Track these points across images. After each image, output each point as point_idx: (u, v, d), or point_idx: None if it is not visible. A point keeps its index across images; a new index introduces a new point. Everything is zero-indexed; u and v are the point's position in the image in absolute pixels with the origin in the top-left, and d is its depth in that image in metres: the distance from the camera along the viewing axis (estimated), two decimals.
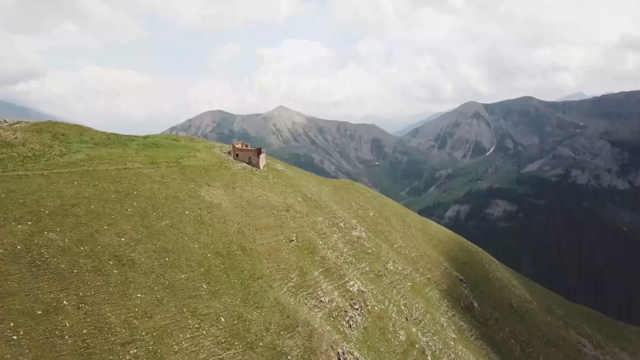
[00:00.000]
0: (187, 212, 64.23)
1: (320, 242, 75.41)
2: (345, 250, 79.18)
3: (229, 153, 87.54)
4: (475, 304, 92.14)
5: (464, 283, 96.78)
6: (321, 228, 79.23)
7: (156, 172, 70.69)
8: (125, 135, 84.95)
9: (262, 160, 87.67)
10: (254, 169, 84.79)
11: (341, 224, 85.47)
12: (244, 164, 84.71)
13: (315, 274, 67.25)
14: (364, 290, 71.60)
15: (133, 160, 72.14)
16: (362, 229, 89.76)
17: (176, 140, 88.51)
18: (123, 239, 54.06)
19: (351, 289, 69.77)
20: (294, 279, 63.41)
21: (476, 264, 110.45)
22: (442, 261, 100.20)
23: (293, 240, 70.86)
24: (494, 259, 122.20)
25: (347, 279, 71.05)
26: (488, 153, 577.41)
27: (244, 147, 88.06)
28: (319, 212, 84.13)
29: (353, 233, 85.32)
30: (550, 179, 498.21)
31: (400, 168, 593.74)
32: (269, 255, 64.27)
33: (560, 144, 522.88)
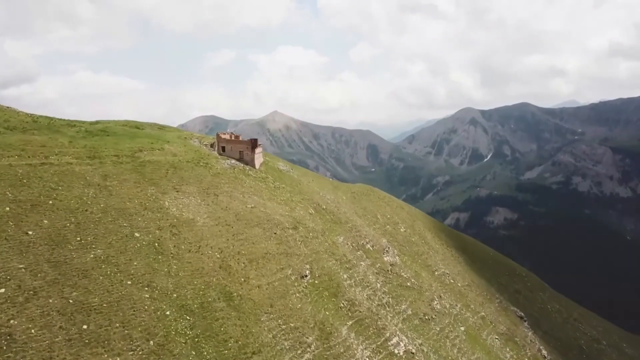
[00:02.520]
0: (137, 235, 38.37)
1: (345, 276, 49.70)
2: (378, 285, 53.49)
3: (212, 146, 61.85)
4: (544, 352, 66.85)
5: (525, 321, 72.03)
6: (344, 253, 53.54)
7: (95, 171, 44.67)
8: (62, 120, 58.74)
9: (259, 156, 62.12)
10: (247, 168, 59.17)
11: (368, 245, 59.86)
12: (233, 160, 59.07)
13: (344, 331, 41.47)
14: (413, 350, 45.86)
15: (62, 153, 46.04)
16: (395, 251, 64.22)
17: (138, 128, 62.38)
18: (2, 290, 28.39)
19: (396, 351, 44.02)
20: (313, 346, 37.54)
21: (529, 292, 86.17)
22: (493, 291, 75.48)
23: (306, 276, 45.08)
24: (544, 283, 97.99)
25: (388, 334, 45.29)
26: (486, 160, 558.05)
27: (232, 138, 62.31)
28: (339, 229, 58.50)
29: (385, 258, 59.74)
30: (551, 186, 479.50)
31: (397, 175, 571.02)
32: (271, 307, 38.36)
33: (559, 151, 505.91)
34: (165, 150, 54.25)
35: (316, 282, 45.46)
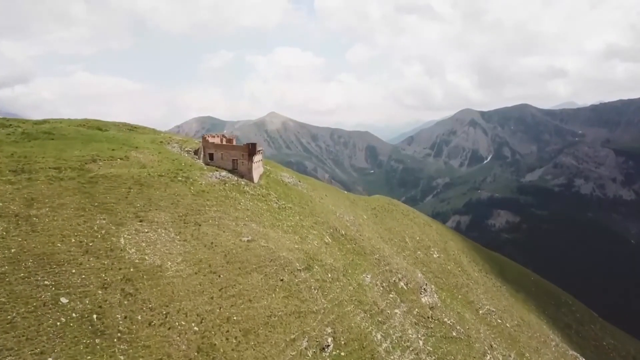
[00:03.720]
0: (64, 302, 23.43)
1: (379, 336, 34.88)
2: (420, 343, 38.67)
3: (197, 153, 46.69)
4: None
5: None
6: (374, 300, 38.68)
7: (17, 193, 29.62)
8: None
9: (258, 166, 47.13)
10: (243, 182, 44.16)
11: (402, 283, 45.06)
12: (224, 172, 43.98)
13: None
14: None
15: None
16: (432, 287, 49.48)
17: (99, 129, 47.14)
18: None
19: None
20: None
21: (580, 326, 72.07)
22: (545, 330, 61.25)
23: (329, 346, 30.21)
24: (591, 311, 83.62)
25: None
26: (486, 161, 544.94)
27: (224, 142, 47.22)
28: (364, 262, 43.63)
29: (423, 299, 45.01)
30: (553, 189, 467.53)
31: (396, 176, 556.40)
32: None
33: (561, 153, 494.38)
34: (131, 160, 39.13)
35: (342, 353, 30.61)
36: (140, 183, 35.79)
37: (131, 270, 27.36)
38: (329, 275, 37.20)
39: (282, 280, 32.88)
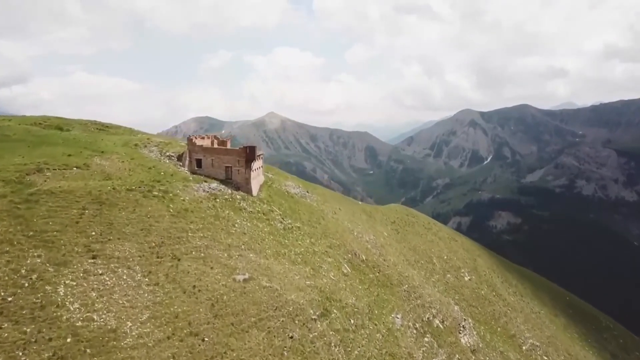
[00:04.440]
0: None
1: None
2: None
3: (180, 158, 37.02)
4: None
5: None
6: (409, 350, 29.30)
7: None
8: None
9: (258, 174, 37.56)
10: (239, 196, 34.58)
11: (437, 320, 35.73)
12: (215, 183, 34.38)
13: None
14: None
15: None
16: (470, 321, 40.13)
17: (59, 129, 37.45)
18: None
19: None
20: None
21: (626, 355, 63.20)
22: None
23: None
24: (632, 335, 74.50)
25: None
26: (486, 162, 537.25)
27: (214, 145, 37.62)
28: (392, 297, 34.23)
29: (463, 340, 35.77)
30: (554, 190, 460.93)
31: (396, 177, 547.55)
32: None
33: (562, 153, 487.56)
34: (92, 169, 29.58)
35: None
36: (99, 201, 26.27)
37: (67, 341, 17.90)
38: (352, 321, 27.84)
39: (291, 337, 23.47)
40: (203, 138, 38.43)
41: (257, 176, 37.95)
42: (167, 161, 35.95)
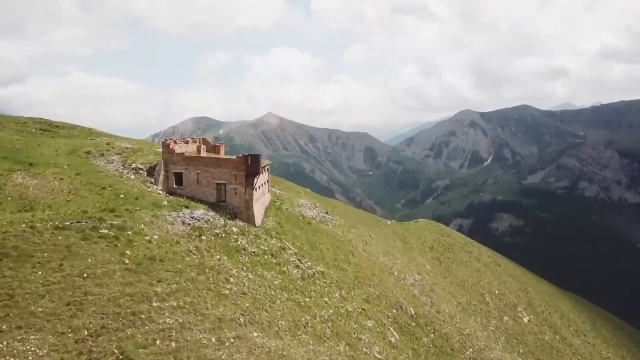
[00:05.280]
0: None
1: None
2: None
3: (151, 173, 25.75)
4: None
5: None
6: None
7: None
8: None
9: (262, 192, 26.48)
10: (236, 227, 23.49)
11: None
12: (202, 209, 23.26)
13: None
14: None
15: None
16: None
17: None
18: None
19: None
20: None
21: None
22: None
23: None
24: None
25: None
26: (486, 163, 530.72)
27: (201, 153, 26.49)
28: None
29: None
30: (556, 191, 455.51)
31: (395, 178, 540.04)
32: None
33: (563, 154, 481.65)
34: (6, 192, 18.46)
35: None
36: (2, 251, 15.26)
37: None
38: None
39: None
40: (187, 142, 27.39)
41: (262, 196, 27.05)
42: (133, 177, 24.94)
